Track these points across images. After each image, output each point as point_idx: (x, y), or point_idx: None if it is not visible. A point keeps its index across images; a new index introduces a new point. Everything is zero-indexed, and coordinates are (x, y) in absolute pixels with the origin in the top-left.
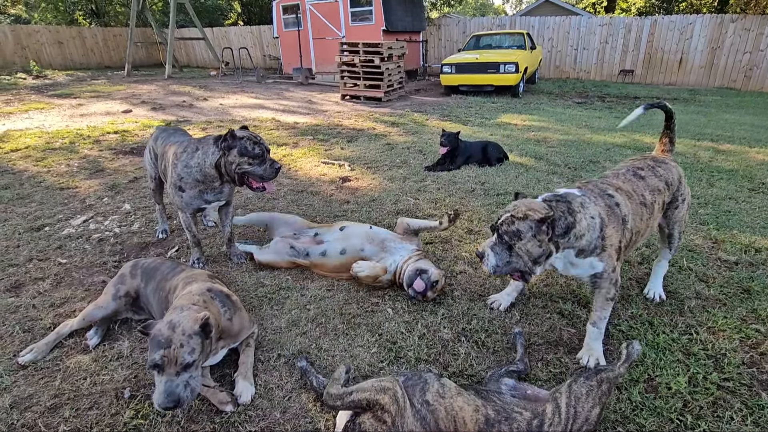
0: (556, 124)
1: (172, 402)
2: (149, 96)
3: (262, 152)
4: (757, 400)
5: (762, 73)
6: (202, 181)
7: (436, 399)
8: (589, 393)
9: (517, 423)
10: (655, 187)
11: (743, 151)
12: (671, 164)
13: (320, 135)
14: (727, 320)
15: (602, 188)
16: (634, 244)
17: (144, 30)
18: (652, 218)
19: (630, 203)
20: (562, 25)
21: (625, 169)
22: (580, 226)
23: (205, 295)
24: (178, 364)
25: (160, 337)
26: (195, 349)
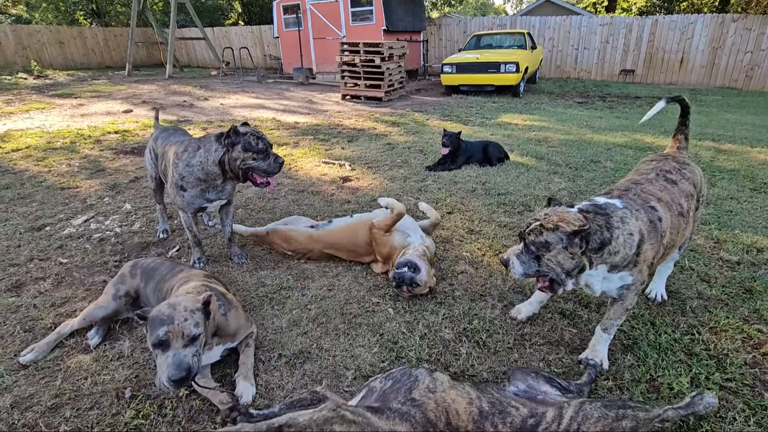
0: (557, 124)
1: (184, 371)
2: (150, 96)
3: (266, 147)
4: (760, 400)
5: (763, 72)
6: (204, 180)
7: (424, 394)
8: (600, 419)
9: (512, 417)
10: (688, 193)
11: (745, 151)
12: (692, 164)
13: (321, 135)
14: (729, 320)
15: (645, 199)
16: (665, 256)
17: (145, 30)
18: (688, 228)
19: (670, 215)
20: (562, 25)
21: (654, 174)
22: (617, 243)
23: (201, 288)
24: (184, 336)
25: (161, 315)
26: (199, 322)
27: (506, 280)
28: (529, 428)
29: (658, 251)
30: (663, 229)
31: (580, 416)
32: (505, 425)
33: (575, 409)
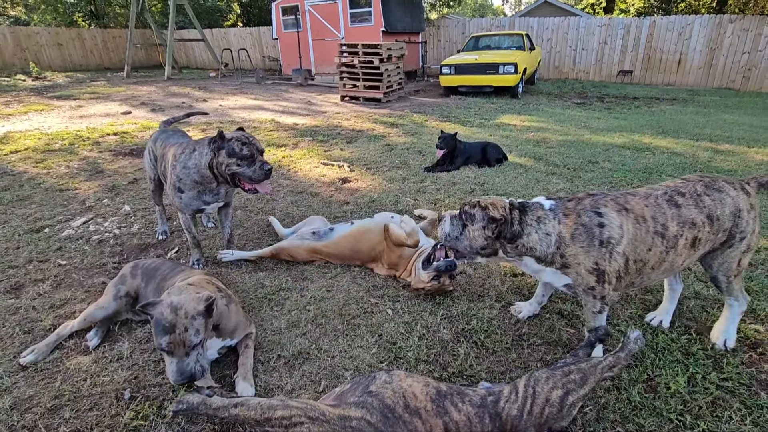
0: (555, 125)
1: (185, 378)
2: (149, 97)
3: (251, 153)
4: (756, 399)
5: (760, 73)
6: (200, 182)
7: (380, 387)
8: (549, 377)
9: (470, 397)
10: (688, 220)
11: (742, 151)
12: (730, 193)
13: (320, 136)
14: None
15: (593, 204)
16: (642, 274)
17: (143, 31)
18: (675, 253)
19: (635, 228)
20: (561, 26)
21: (663, 190)
22: (529, 239)
23: (203, 279)
24: (186, 346)
25: (164, 321)
26: (199, 330)
27: (504, 281)
28: (489, 404)
29: (608, 260)
30: (607, 237)
31: (532, 381)
32: (465, 403)
33: (526, 378)
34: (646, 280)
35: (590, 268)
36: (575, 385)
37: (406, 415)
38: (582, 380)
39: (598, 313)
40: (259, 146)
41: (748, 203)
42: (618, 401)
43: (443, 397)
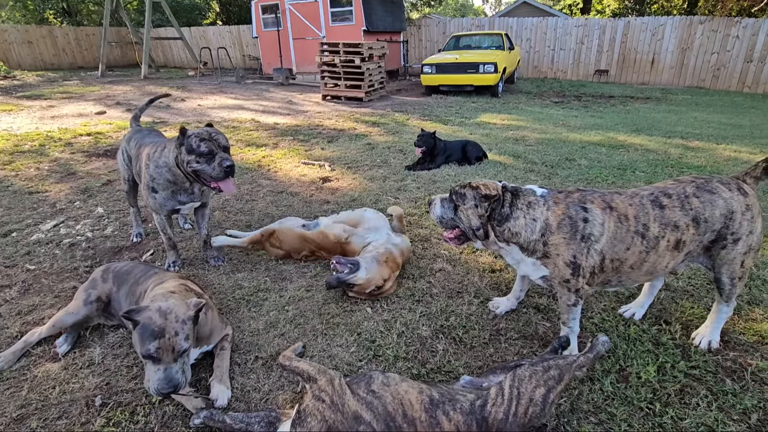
0: (534, 123)
1: (173, 387)
2: (124, 97)
3: (210, 150)
4: (722, 386)
5: (729, 72)
6: (173, 182)
7: (381, 388)
8: (532, 375)
9: (461, 403)
10: (671, 222)
11: (711, 147)
12: (723, 195)
13: (300, 135)
14: (694, 310)
15: (581, 199)
16: (620, 272)
17: (119, 29)
18: (657, 254)
19: (616, 227)
20: (539, 26)
21: (650, 191)
22: (516, 223)
23: (181, 287)
24: (175, 352)
25: (152, 325)
26: (189, 335)
27: (483, 277)
28: (477, 410)
29: (585, 255)
30: (588, 232)
31: (516, 382)
32: (456, 411)
33: (510, 378)
34: (626, 279)
35: (568, 261)
36: (554, 381)
37: (405, 425)
38: (559, 377)
39: (572, 306)
40: (222, 142)
41: (744, 204)
42: (591, 392)
43: (436, 406)
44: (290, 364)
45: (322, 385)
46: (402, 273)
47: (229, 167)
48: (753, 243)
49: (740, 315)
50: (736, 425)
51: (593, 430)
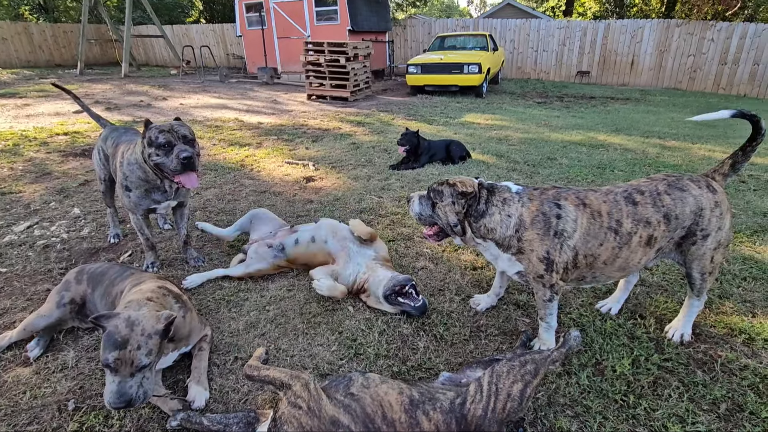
0: (517, 123)
1: (123, 403)
2: (104, 96)
3: (168, 141)
4: (693, 377)
5: (704, 74)
6: (145, 180)
7: (360, 390)
8: (510, 371)
9: (440, 402)
10: (643, 218)
11: (687, 147)
12: (693, 192)
13: (285, 135)
14: (668, 305)
15: (555, 196)
16: (593, 268)
17: (98, 27)
18: (629, 250)
19: (589, 223)
20: (522, 28)
21: (624, 188)
22: (492, 219)
23: (158, 292)
24: (133, 366)
25: (116, 335)
26: (152, 350)
27: (465, 274)
28: (457, 408)
29: (559, 251)
30: (561, 228)
31: (494, 378)
32: (436, 411)
33: (489, 374)
34: (600, 275)
35: (542, 256)
36: (531, 376)
37: (384, 426)
38: (535, 371)
39: (548, 301)
40: (182, 133)
41: (713, 201)
42: (568, 385)
43: (416, 406)
44: (258, 374)
45: (297, 391)
46: None
47: (186, 159)
48: (722, 239)
49: (711, 308)
50: (706, 415)
51: (569, 423)
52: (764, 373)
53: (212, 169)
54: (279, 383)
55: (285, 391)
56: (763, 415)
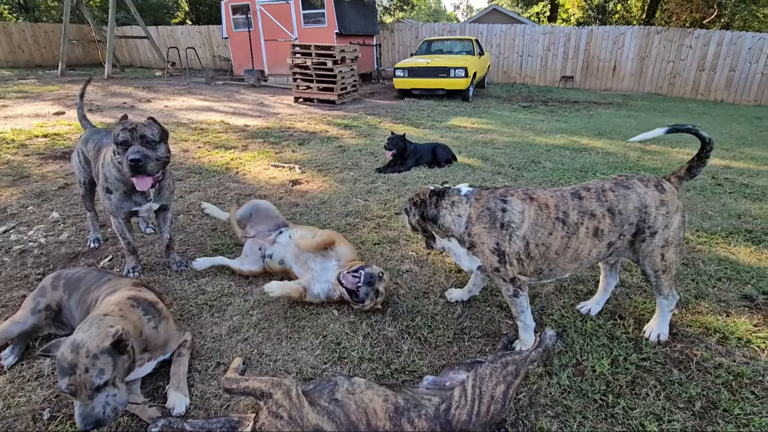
0: (502, 127)
1: (91, 425)
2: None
3: (125, 140)
4: (669, 376)
5: (683, 80)
6: (122, 181)
7: (345, 396)
8: (492, 373)
9: (426, 409)
10: (588, 211)
11: (666, 151)
12: (637, 190)
13: (271, 138)
14: (646, 305)
15: (502, 193)
16: (548, 259)
17: (80, 27)
18: (578, 240)
19: (537, 214)
20: (508, 33)
21: (573, 187)
22: (444, 220)
23: (124, 304)
24: (88, 388)
25: (63, 362)
26: (104, 369)
27: (449, 277)
28: (442, 414)
29: (508, 242)
30: (509, 220)
31: (478, 381)
32: (421, 418)
33: (473, 377)
34: (555, 267)
35: (492, 248)
36: (512, 377)
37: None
38: (516, 371)
39: (513, 297)
40: (143, 133)
41: (659, 200)
42: (549, 386)
43: (400, 414)
44: (238, 386)
45: (278, 400)
46: None
47: (133, 161)
48: (670, 237)
49: (687, 308)
50: (682, 413)
51: (550, 423)
52: (737, 371)
53: (197, 172)
54: (259, 393)
55: (266, 401)
56: (735, 412)
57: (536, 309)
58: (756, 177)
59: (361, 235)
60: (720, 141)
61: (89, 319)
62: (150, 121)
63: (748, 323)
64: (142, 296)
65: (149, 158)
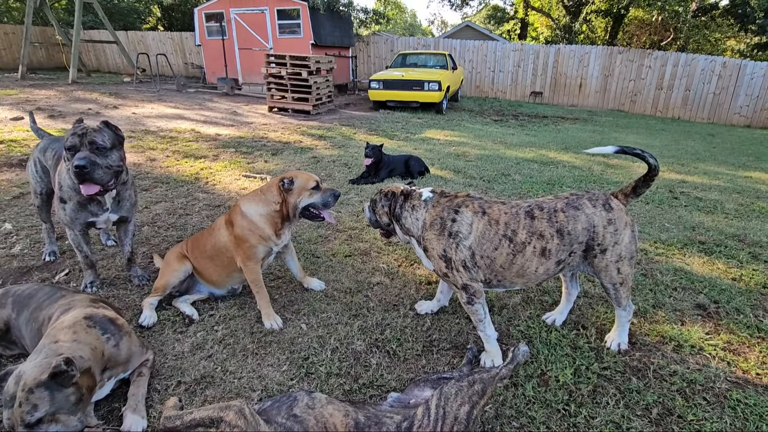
0: (474, 140)
1: None
2: (47, 102)
3: (73, 145)
4: (629, 384)
5: (644, 98)
6: (76, 190)
7: (304, 411)
8: (458, 393)
9: (387, 426)
10: (537, 231)
11: (628, 165)
12: (586, 211)
13: (243, 147)
14: (608, 315)
15: (458, 203)
16: (494, 271)
17: (44, 29)
18: (524, 258)
19: (485, 228)
20: (480, 49)
21: (529, 204)
22: (405, 221)
23: (79, 326)
24: (23, 424)
25: (6, 395)
26: (38, 405)
27: (419, 289)
28: (404, 431)
29: (455, 250)
30: (457, 230)
31: (443, 400)
32: None
33: (437, 396)
34: (503, 279)
35: (440, 254)
36: (478, 397)
37: None
38: (483, 391)
39: (467, 304)
40: (93, 138)
41: (606, 219)
42: (515, 397)
43: (360, 429)
44: (182, 421)
45: (231, 421)
46: (340, 287)
47: (77, 168)
48: (622, 252)
49: (646, 317)
50: (639, 420)
51: None
52: (690, 378)
53: (164, 182)
54: (208, 420)
55: (217, 426)
56: (689, 418)
57: (503, 320)
58: (708, 191)
59: (332, 247)
60: (677, 156)
61: (40, 346)
62: (102, 126)
63: (700, 331)
64: (100, 313)
65: (97, 165)
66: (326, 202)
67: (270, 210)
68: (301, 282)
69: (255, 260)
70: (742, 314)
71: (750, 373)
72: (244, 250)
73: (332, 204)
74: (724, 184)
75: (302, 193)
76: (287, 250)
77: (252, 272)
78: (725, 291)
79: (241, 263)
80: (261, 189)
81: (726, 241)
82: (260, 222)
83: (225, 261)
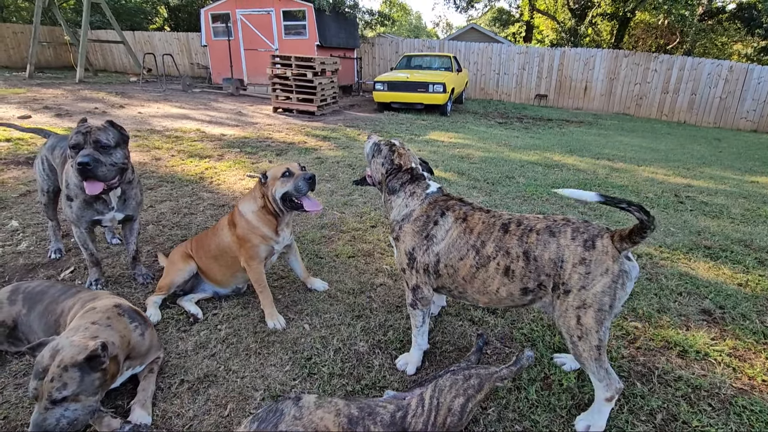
0: (478, 142)
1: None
2: (54, 101)
3: (77, 143)
4: (632, 389)
5: (649, 102)
6: (82, 188)
7: (291, 424)
8: (452, 385)
9: (381, 416)
10: (505, 249)
11: (633, 169)
12: (560, 241)
13: (248, 148)
14: (616, 322)
15: (449, 206)
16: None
17: (52, 29)
18: (486, 273)
19: (458, 236)
20: (485, 51)
21: (509, 217)
22: (395, 202)
23: (111, 311)
24: (47, 398)
25: (39, 365)
26: (68, 384)
27: None
28: (398, 421)
29: (424, 251)
30: (434, 234)
31: (437, 392)
32: (376, 425)
33: (432, 387)
34: (464, 292)
35: (407, 251)
36: (474, 390)
37: None
38: (479, 386)
39: (410, 306)
40: (97, 137)
41: (579, 257)
42: (517, 400)
43: (355, 424)
44: None
45: None
46: (343, 288)
47: (80, 165)
48: (588, 300)
49: (650, 322)
50: (644, 425)
51: None
52: (696, 384)
53: (169, 181)
54: None
55: None
56: (694, 424)
57: (507, 323)
58: (714, 195)
59: (335, 248)
60: (682, 160)
61: (75, 324)
62: (106, 125)
63: (706, 336)
64: (126, 304)
65: (100, 162)
66: (298, 187)
67: (258, 206)
68: (304, 282)
69: (258, 260)
70: (748, 320)
71: (756, 379)
72: (246, 249)
73: (305, 188)
74: (730, 188)
75: (275, 183)
76: (290, 251)
77: (255, 272)
78: (731, 296)
79: (245, 263)
80: (252, 188)
81: (732, 246)
82: (254, 220)
83: (229, 261)
